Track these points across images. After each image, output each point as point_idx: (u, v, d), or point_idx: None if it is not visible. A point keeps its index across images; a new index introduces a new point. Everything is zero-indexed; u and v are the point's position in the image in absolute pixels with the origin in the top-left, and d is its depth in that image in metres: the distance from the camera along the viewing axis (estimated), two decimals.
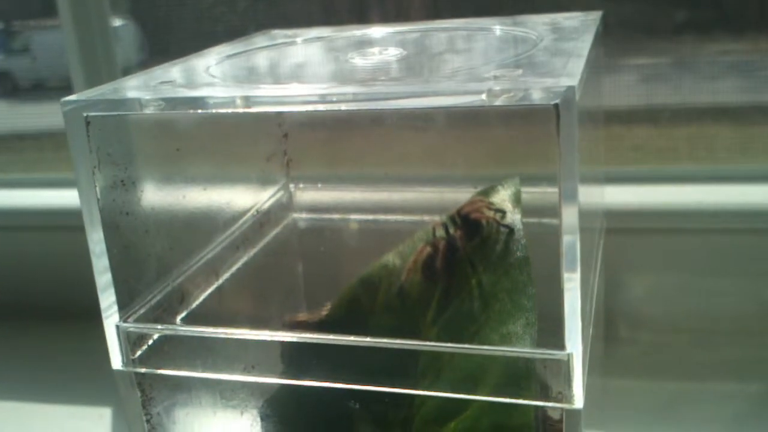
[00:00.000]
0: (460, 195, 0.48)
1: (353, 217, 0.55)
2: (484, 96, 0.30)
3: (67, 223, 0.75)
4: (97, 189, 0.35)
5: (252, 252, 0.49)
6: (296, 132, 0.54)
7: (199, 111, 0.34)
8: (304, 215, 0.56)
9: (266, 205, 0.53)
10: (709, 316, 0.64)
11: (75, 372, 0.68)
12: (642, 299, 0.66)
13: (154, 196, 0.39)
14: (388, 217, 0.54)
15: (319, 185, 0.56)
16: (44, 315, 0.76)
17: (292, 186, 0.56)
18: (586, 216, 0.34)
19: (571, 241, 0.31)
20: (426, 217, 0.50)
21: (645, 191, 0.65)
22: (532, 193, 0.47)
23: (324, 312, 0.49)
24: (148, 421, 0.39)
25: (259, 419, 0.45)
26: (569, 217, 0.30)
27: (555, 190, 0.30)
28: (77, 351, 0.71)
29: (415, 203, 0.54)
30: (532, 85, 0.30)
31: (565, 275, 0.31)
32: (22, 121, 0.89)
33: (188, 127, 0.43)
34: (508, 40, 0.44)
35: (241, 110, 0.33)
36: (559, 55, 0.35)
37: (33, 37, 0.85)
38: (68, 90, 0.85)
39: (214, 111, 0.34)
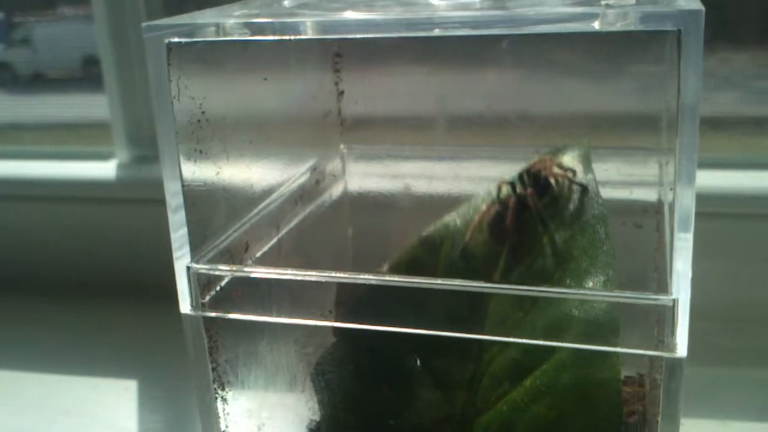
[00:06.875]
0: (521, 161, 0.46)
1: (406, 178, 0.54)
2: (596, 23, 0.29)
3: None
4: (175, 123, 0.34)
5: (308, 208, 0.48)
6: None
7: (286, 37, 0.32)
8: (357, 173, 0.55)
9: (321, 162, 0.51)
10: (745, 303, 0.63)
11: (100, 344, 0.68)
12: None
13: (225, 137, 0.38)
14: (443, 180, 0.53)
15: (373, 146, 0.55)
16: (70, 288, 0.75)
17: (343, 146, 0.55)
18: None
19: (687, 199, 0.30)
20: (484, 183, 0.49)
21: None
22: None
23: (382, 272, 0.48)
24: (213, 369, 0.37)
25: (315, 378, 0.44)
26: (687, 168, 0.29)
27: None
28: (103, 323, 0.71)
29: (472, 169, 0.53)
30: (650, 9, 0.28)
31: (680, 234, 0.31)
32: (21, 112, 0.89)
33: (256, 69, 0.42)
34: None
35: (329, 36, 0.32)
36: None
37: (34, 29, 0.86)
38: (69, 82, 0.86)
39: (298, 37, 0.32)
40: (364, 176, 0.55)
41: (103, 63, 0.76)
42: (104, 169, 0.76)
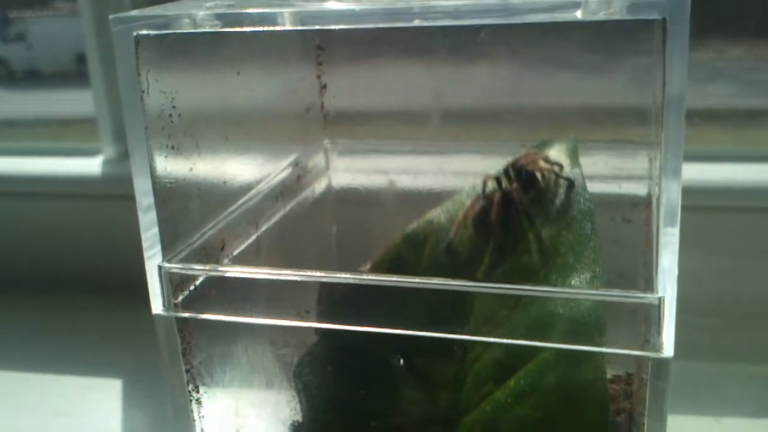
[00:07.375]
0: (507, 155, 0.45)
1: (391, 173, 0.53)
2: (578, 12, 0.28)
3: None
4: (145, 117, 0.33)
5: (289, 205, 0.47)
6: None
7: (257, 29, 0.31)
8: (340, 168, 0.54)
9: (302, 157, 0.50)
10: (739, 297, 0.62)
11: (87, 342, 0.68)
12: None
13: (199, 132, 0.37)
14: (428, 176, 0.52)
15: (357, 141, 0.54)
16: (55, 285, 0.75)
17: (327, 141, 0.54)
18: None
19: (673, 193, 0.30)
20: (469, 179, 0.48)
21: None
22: None
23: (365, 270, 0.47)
24: (187, 371, 0.36)
25: (295, 379, 0.43)
26: (673, 161, 0.29)
27: None
28: (89, 320, 0.71)
29: (458, 164, 0.52)
30: None
31: (665, 229, 0.30)
32: (15, 108, 0.89)
33: (231, 63, 0.41)
34: None
35: (300, 28, 0.31)
36: None
37: (29, 26, 0.86)
38: (64, 77, 0.85)
39: (270, 28, 0.31)
40: (348, 171, 0.54)
41: (88, 58, 0.74)
42: (90, 165, 0.75)
